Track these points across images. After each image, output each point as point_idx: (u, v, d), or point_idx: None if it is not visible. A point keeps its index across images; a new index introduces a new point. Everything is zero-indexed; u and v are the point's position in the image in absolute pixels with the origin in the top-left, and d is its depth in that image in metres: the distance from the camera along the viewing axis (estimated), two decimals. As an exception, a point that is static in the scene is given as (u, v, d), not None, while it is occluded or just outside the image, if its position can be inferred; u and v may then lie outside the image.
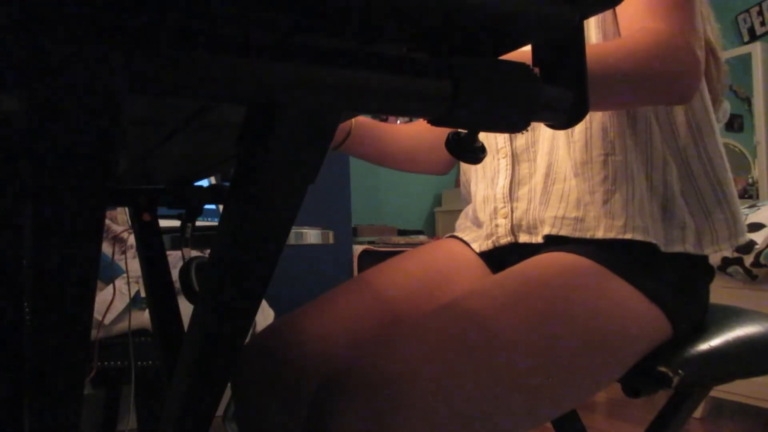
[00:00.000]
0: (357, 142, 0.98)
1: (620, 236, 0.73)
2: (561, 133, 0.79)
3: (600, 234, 0.74)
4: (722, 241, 0.78)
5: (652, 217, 0.75)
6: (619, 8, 0.73)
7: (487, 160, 0.89)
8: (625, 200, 0.74)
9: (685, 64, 0.67)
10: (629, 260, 0.72)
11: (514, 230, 0.85)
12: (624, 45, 0.66)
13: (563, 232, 0.77)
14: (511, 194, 0.85)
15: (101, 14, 0.27)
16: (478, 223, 0.93)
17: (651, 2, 0.68)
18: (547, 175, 0.81)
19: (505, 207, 0.85)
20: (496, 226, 0.86)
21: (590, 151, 0.76)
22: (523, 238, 0.84)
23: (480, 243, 0.91)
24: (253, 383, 0.78)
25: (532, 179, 0.83)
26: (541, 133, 0.83)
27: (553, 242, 0.79)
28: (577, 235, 0.76)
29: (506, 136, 0.86)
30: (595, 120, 0.76)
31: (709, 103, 0.80)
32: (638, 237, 0.72)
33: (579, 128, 0.77)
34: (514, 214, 0.84)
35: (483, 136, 0.90)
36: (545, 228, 0.79)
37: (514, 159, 0.85)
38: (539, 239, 0.81)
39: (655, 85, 0.67)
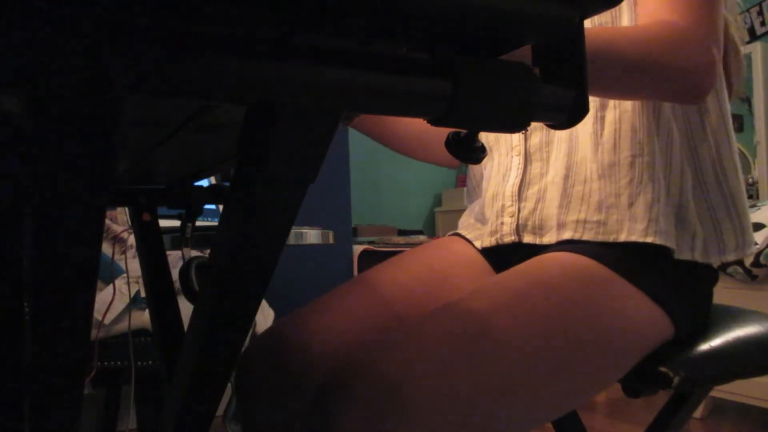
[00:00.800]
0: (371, 119, 0.97)
1: (641, 239, 0.72)
2: (585, 133, 0.78)
3: (623, 237, 0.73)
4: (729, 251, 0.78)
5: (667, 222, 0.74)
6: (639, 2, 0.72)
7: (502, 157, 0.89)
8: (649, 203, 0.73)
9: (698, 61, 0.65)
10: (632, 261, 0.72)
11: (519, 230, 0.84)
12: (637, 33, 0.65)
13: (586, 237, 0.76)
14: (520, 193, 0.84)
15: (101, 14, 0.27)
16: (483, 220, 0.93)
17: None
18: (566, 177, 0.79)
19: (512, 206, 0.85)
20: (501, 224, 0.86)
21: (618, 153, 0.76)
22: (528, 239, 0.83)
23: (483, 239, 0.90)
24: (256, 383, 0.78)
25: (543, 179, 0.83)
26: (557, 133, 0.82)
27: (559, 243, 0.79)
28: (600, 239, 0.75)
29: (521, 134, 0.85)
30: (624, 121, 0.76)
31: (727, 109, 0.79)
32: (659, 241, 0.72)
33: (608, 129, 0.76)
34: (521, 214, 0.84)
35: (500, 135, 0.89)
36: (566, 232, 0.78)
37: (527, 158, 0.85)
38: (544, 240, 0.81)
39: (664, 78, 0.65)
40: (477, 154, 0.44)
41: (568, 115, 0.41)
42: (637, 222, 0.73)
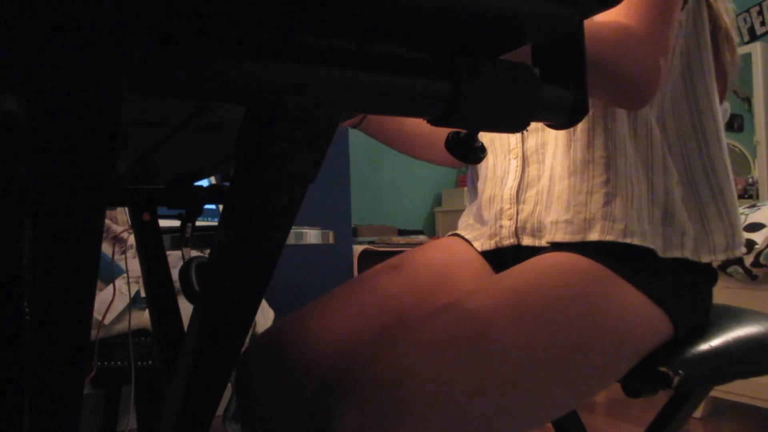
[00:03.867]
0: (377, 121, 0.97)
1: (620, 240, 0.72)
2: (563, 131, 0.79)
3: (594, 236, 0.73)
4: (719, 251, 0.78)
5: (652, 222, 0.74)
6: None
7: (498, 159, 0.89)
8: (626, 204, 0.73)
9: (644, 68, 0.65)
10: (631, 262, 0.72)
11: (517, 232, 0.84)
12: (591, 30, 0.64)
13: (557, 238, 0.76)
14: (518, 196, 0.84)
15: (101, 14, 0.27)
16: (481, 221, 0.93)
17: (629, 1, 0.67)
18: (551, 177, 0.80)
19: (511, 208, 0.85)
20: (500, 227, 0.86)
21: (592, 152, 0.76)
22: (527, 241, 0.83)
23: (482, 242, 0.90)
24: (256, 383, 0.78)
25: (540, 182, 0.83)
26: (551, 134, 0.82)
27: (557, 245, 0.79)
28: (568, 239, 0.75)
29: (518, 136, 0.85)
30: (598, 120, 0.76)
31: (718, 110, 0.79)
32: (636, 242, 0.72)
33: (581, 126, 0.76)
34: (519, 216, 0.84)
35: (497, 137, 0.89)
36: (558, 234, 0.78)
37: (524, 160, 0.85)
38: (542, 243, 0.81)
39: (610, 79, 0.64)
40: (477, 154, 0.44)
41: (567, 115, 0.41)
42: (615, 222, 0.73)
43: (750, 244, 1.86)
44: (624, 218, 0.73)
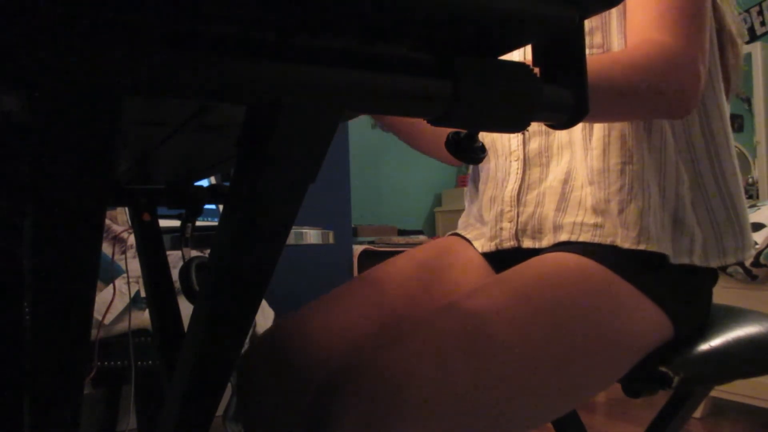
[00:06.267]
0: (399, 118, 0.97)
1: (634, 247, 0.72)
2: (578, 139, 0.78)
3: (618, 242, 0.73)
4: (728, 255, 0.78)
5: (663, 228, 0.74)
6: (627, 15, 0.72)
7: (499, 161, 0.89)
8: (640, 211, 0.73)
9: (685, 80, 0.66)
10: (632, 262, 0.72)
11: (518, 235, 0.84)
12: (623, 57, 0.65)
13: (582, 238, 0.76)
14: (519, 198, 0.84)
15: (101, 14, 0.27)
16: (482, 221, 0.93)
17: (659, 13, 0.67)
18: (565, 181, 0.80)
19: (511, 211, 0.85)
20: (501, 229, 0.86)
21: (608, 159, 0.75)
22: (527, 244, 0.83)
23: (483, 243, 0.90)
24: (257, 384, 0.78)
25: (542, 184, 0.83)
26: (556, 138, 0.82)
27: (556, 245, 0.78)
28: (597, 240, 0.75)
29: (519, 139, 0.85)
30: (614, 128, 0.76)
31: (726, 113, 0.79)
32: (652, 248, 0.72)
33: (597, 135, 0.76)
34: (520, 219, 0.84)
35: (498, 139, 0.89)
36: (563, 234, 0.78)
37: (526, 163, 0.85)
38: (543, 244, 0.81)
39: (655, 101, 0.66)
40: (477, 154, 0.44)
41: (568, 115, 0.41)
42: (629, 230, 0.73)
43: (750, 244, 1.86)
44: (638, 225, 0.73)
